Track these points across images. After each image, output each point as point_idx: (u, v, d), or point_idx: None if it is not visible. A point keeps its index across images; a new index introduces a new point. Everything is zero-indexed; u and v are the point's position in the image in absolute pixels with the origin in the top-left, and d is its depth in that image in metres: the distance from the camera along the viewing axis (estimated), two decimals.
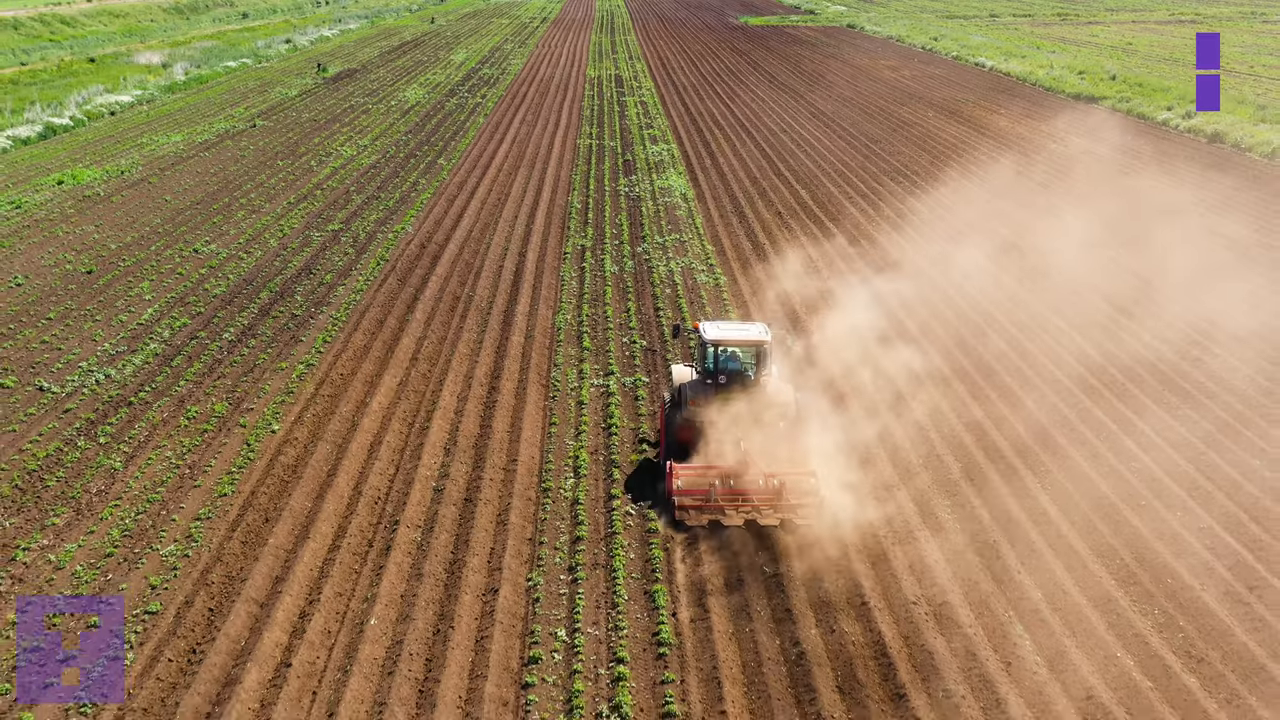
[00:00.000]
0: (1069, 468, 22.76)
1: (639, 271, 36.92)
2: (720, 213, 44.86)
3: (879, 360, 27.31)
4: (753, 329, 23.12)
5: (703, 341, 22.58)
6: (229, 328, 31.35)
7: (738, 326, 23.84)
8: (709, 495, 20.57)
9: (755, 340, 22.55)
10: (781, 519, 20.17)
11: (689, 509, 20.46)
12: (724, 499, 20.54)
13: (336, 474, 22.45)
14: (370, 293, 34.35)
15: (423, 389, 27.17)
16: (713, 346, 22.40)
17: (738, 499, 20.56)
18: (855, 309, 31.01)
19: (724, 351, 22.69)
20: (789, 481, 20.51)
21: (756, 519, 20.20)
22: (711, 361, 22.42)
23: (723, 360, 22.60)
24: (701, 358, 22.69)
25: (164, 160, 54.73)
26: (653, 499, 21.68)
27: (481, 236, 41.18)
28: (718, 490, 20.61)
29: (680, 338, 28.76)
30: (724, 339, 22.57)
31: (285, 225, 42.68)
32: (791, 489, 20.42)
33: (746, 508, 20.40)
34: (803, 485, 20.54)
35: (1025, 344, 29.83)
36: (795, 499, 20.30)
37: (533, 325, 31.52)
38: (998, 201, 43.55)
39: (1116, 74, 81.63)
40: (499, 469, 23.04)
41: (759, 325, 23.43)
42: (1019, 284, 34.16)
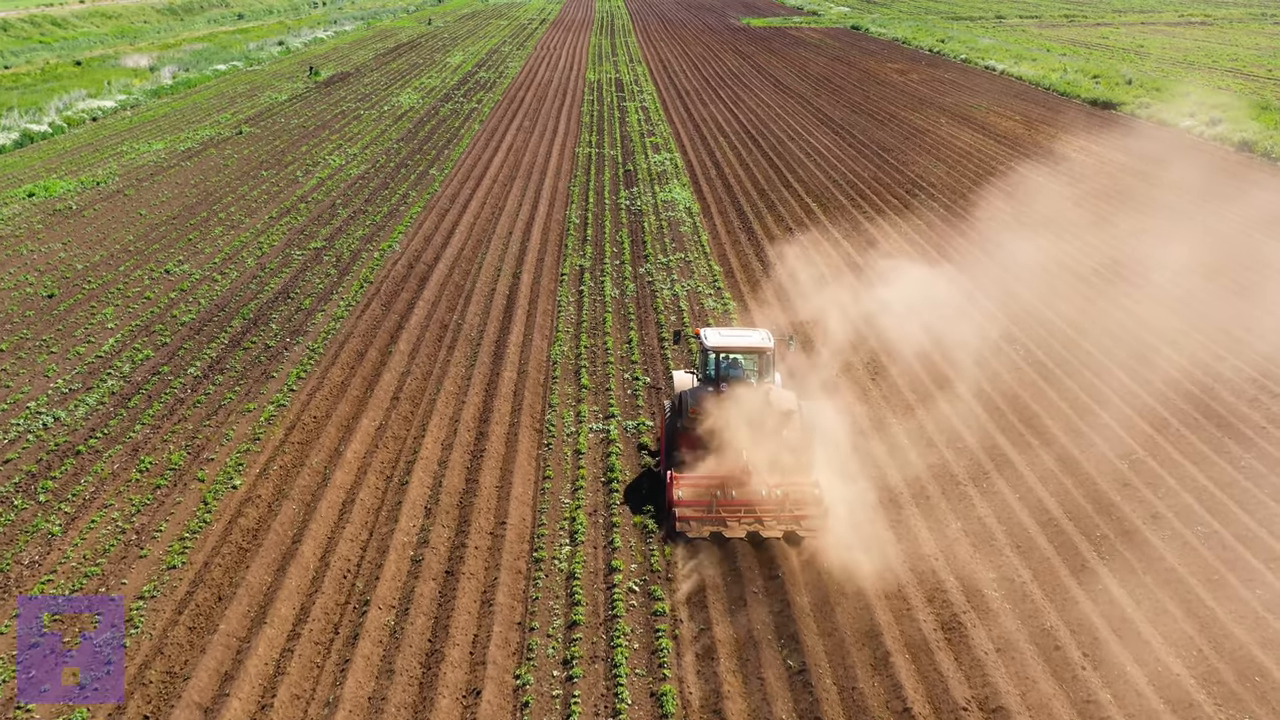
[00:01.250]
0: (1131, 538, 20.18)
1: (641, 295, 34.34)
2: (727, 228, 42.27)
3: (924, 406, 24.82)
4: (755, 335, 22.37)
5: (704, 348, 21.92)
6: (196, 361, 28.75)
7: (739, 333, 22.95)
8: (710, 506, 20.18)
9: (758, 347, 21.83)
10: (785, 531, 19.74)
11: (690, 520, 19.97)
12: (726, 510, 20.10)
13: (302, 540, 19.87)
14: (351, 320, 31.78)
15: (404, 434, 24.59)
16: (714, 353, 21.81)
17: (740, 510, 20.12)
18: (884, 344, 28.52)
19: (726, 358, 22.08)
20: (792, 492, 20.15)
21: (760, 531, 19.76)
22: (713, 368, 21.84)
23: (724, 367, 21.98)
24: (703, 364, 22.08)
25: (143, 170, 52.17)
26: (654, 510, 21.08)
27: (473, 255, 38.60)
28: (719, 501, 20.20)
29: (681, 343, 28.35)
30: (725, 345, 21.90)
31: (265, 242, 40.10)
32: (795, 499, 20.04)
33: (749, 519, 19.98)
34: (807, 495, 20.10)
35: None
36: (799, 509, 19.89)
37: (526, 358, 28.95)
38: (1028, 215, 40.98)
39: (1132, 78, 79.05)
40: (485, 533, 20.46)
41: (761, 331, 22.58)
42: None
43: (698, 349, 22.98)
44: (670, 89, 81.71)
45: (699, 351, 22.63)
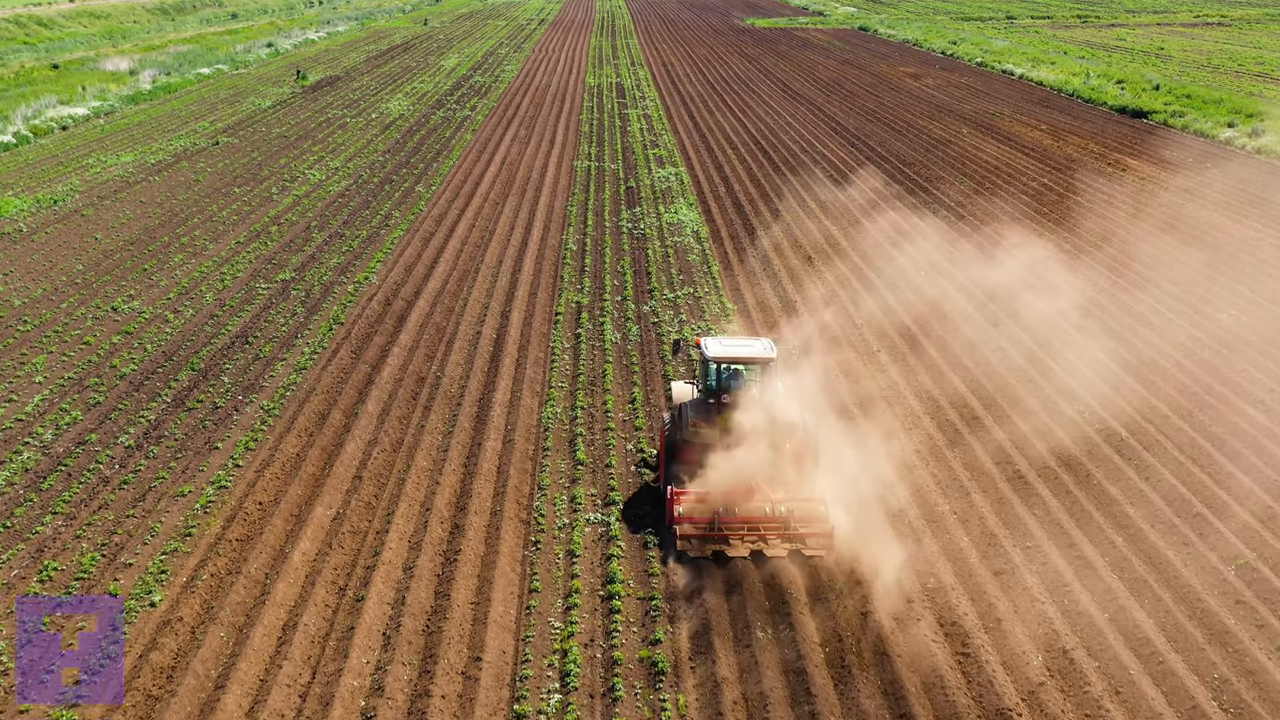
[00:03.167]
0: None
1: (645, 341, 30.40)
2: (740, 256, 38.28)
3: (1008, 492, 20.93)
4: (757, 344, 21.51)
5: (704, 358, 21.11)
6: (130, 427, 24.79)
7: (742, 342, 22.09)
8: (712, 523, 19.42)
9: (760, 357, 20.94)
10: (790, 550, 19.14)
11: (691, 538, 19.31)
12: (728, 527, 19.40)
13: (226, 686, 15.93)
14: (316, 371, 27.85)
15: (364, 528, 20.64)
16: (715, 364, 20.98)
17: (743, 527, 19.43)
18: (928, 411, 24.63)
19: (727, 369, 21.24)
20: (797, 509, 19.47)
21: (763, 550, 19.18)
22: (714, 380, 21.04)
23: (726, 378, 21.15)
24: (703, 376, 21.28)
25: (106, 186, 48.25)
26: (654, 527, 20.33)
27: (458, 289, 34.66)
28: (721, 518, 19.45)
29: (680, 354, 27.41)
30: (727, 356, 21.03)
31: (228, 273, 36.16)
32: (800, 516, 19.35)
33: (752, 537, 19.37)
34: (812, 512, 19.40)
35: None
36: (804, 527, 19.24)
37: (513, 422, 24.99)
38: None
39: (1159, 84, 75.05)
40: (455, 674, 16.51)
41: (764, 341, 21.73)
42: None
43: (698, 359, 22.12)
44: (674, 94, 77.77)
45: (699, 362, 21.76)
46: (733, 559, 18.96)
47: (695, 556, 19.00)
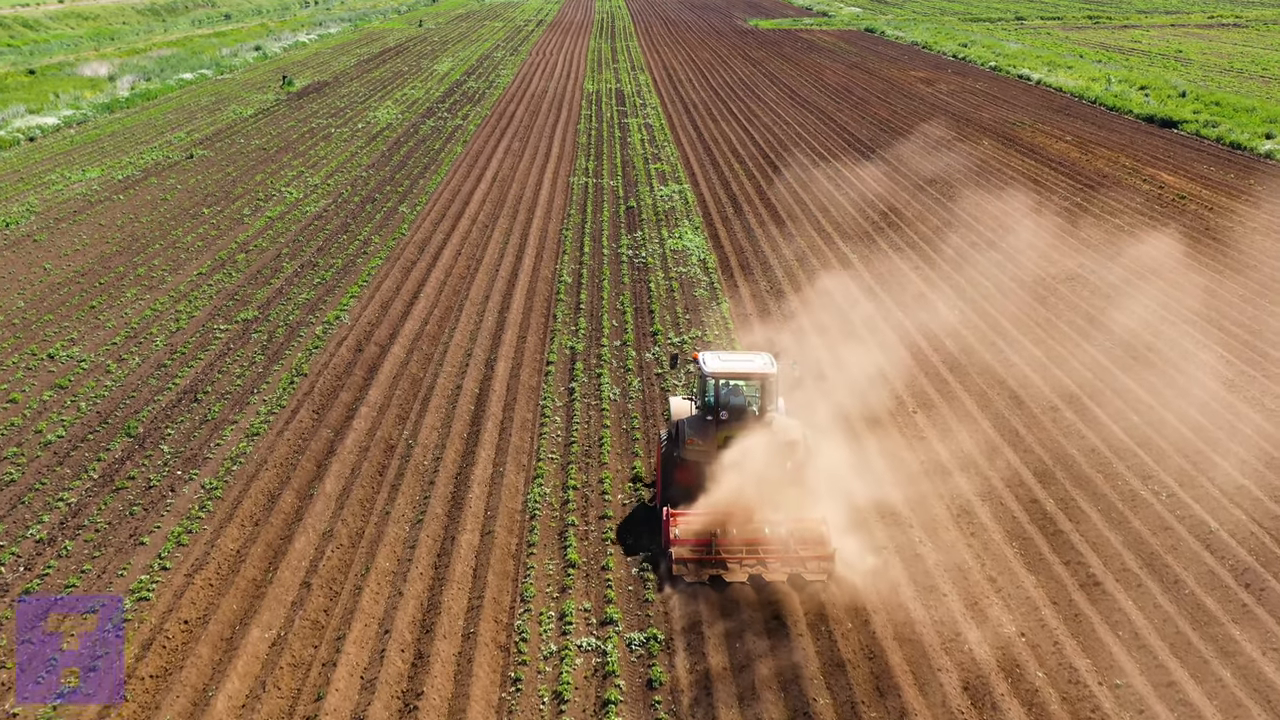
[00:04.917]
0: None
1: (648, 396, 26.78)
2: (752, 290, 34.61)
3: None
4: (757, 360, 20.73)
5: (702, 374, 20.53)
6: (45, 514, 21.14)
7: (741, 357, 21.24)
8: (710, 546, 18.74)
9: (759, 373, 20.26)
10: (790, 573, 18.53)
11: (688, 562, 18.70)
12: (726, 550, 18.73)
13: None
14: (270, 437, 24.24)
15: (308, 658, 17.02)
16: (713, 380, 20.34)
17: (742, 550, 18.77)
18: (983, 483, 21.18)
19: (725, 385, 20.59)
20: (798, 530, 18.80)
21: (763, 574, 18.58)
22: (712, 396, 20.39)
23: (724, 394, 20.48)
24: (701, 392, 20.66)
25: (66, 207, 44.64)
26: (650, 550, 19.56)
27: (438, 332, 31.05)
28: (719, 540, 18.77)
29: (678, 368, 26.51)
30: (725, 371, 20.35)
31: (184, 311, 32.56)
32: (801, 538, 18.67)
33: (751, 560, 18.69)
34: (813, 533, 18.69)
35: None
36: (805, 550, 18.53)
37: (494, 507, 21.35)
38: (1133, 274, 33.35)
39: (1186, 91, 71.40)
40: None
41: (764, 356, 20.90)
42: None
43: (696, 375, 21.61)
44: (676, 101, 74.12)
45: (697, 378, 21.17)
46: (731, 584, 18.29)
47: (692, 582, 18.44)
